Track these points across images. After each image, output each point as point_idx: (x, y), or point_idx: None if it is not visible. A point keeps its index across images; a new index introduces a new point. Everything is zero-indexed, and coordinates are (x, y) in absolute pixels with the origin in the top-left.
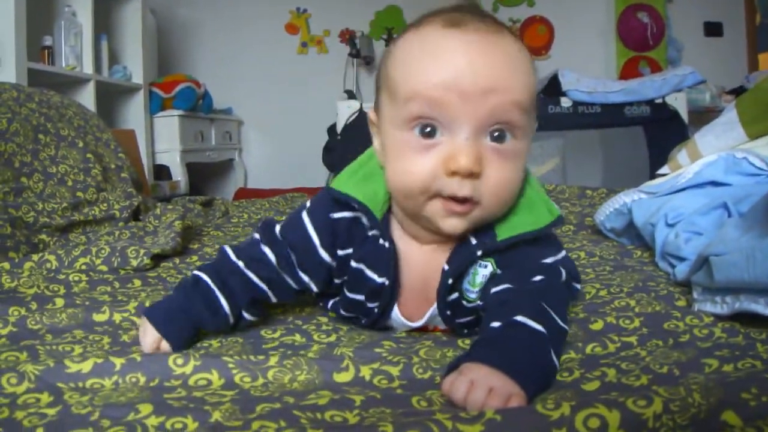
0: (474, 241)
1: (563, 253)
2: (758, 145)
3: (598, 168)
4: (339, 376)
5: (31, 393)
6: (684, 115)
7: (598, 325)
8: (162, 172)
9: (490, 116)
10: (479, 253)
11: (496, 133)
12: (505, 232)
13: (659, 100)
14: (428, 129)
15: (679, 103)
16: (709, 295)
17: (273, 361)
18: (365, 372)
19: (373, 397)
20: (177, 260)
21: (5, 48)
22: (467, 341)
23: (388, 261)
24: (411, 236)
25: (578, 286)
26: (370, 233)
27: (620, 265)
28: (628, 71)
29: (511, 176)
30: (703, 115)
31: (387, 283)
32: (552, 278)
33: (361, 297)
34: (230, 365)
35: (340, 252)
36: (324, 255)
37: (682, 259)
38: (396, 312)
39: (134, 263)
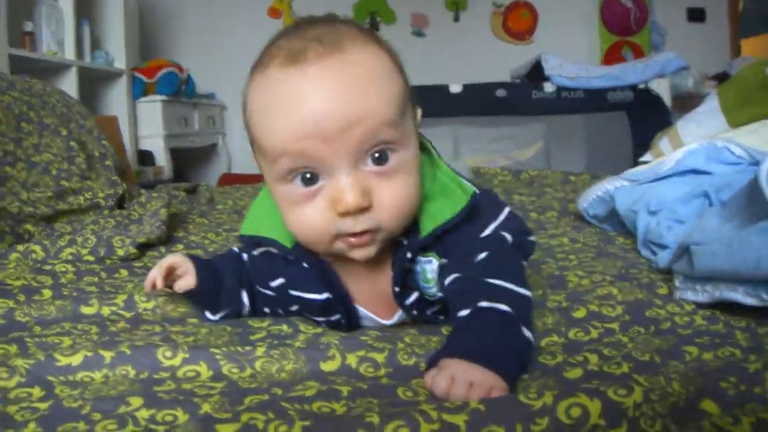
0: (405, 242)
1: (504, 212)
2: (739, 134)
3: (582, 152)
4: (325, 365)
5: (22, 387)
6: (667, 100)
7: (580, 313)
8: (146, 157)
9: (361, 146)
10: (408, 255)
11: (377, 154)
12: (427, 225)
13: (642, 86)
14: (308, 176)
15: (661, 88)
16: (690, 284)
17: (260, 351)
18: (351, 360)
19: (359, 388)
20: (162, 249)
21: None
22: (445, 330)
23: (318, 279)
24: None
25: (532, 238)
26: (290, 258)
27: (603, 251)
28: (611, 56)
29: (405, 191)
30: (686, 101)
31: (330, 296)
32: (497, 248)
33: (322, 318)
34: (218, 356)
35: (273, 283)
36: (260, 289)
37: (663, 247)
38: (365, 312)
39: (120, 253)
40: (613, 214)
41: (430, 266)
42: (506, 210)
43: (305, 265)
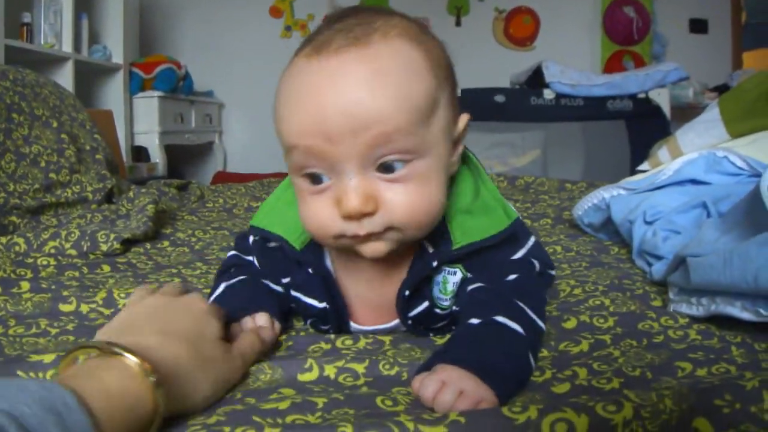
0: (430, 250)
1: (531, 240)
2: (739, 145)
3: (579, 160)
4: (303, 376)
5: None
6: (666, 110)
7: (571, 324)
8: (140, 153)
9: (369, 152)
10: (434, 264)
11: (384, 164)
12: (461, 239)
13: (642, 95)
14: (315, 174)
15: (661, 98)
16: (685, 296)
17: None
18: (330, 371)
19: (336, 399)
20: (148, 245)
21: None
22: (438, 340)
23: (321, 287)
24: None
25: (552, 272)
26: (299, 260)
27: (597, 261)
28: (612, 64)
29: (419, 199)
30: (686, 111)
31: (328, 307)
32: (526, 274)
33: (313, 320)
34: None
35: (284, 280)
36: (270, 284)
37: (659, 258)
38: (357, 327)
39: (104, 248)
40: (608, 223)
41: (453, 278)
42: (532, 238)
43: (310, 270)
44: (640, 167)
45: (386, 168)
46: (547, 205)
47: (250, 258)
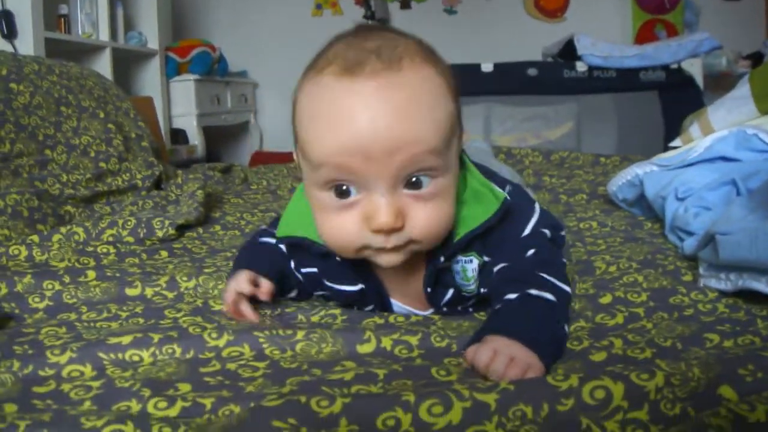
0: (438, 246)
1: (536, 210)
2: None
3: (613, 132)
4: (362, 347)
5: (74, 364)
6: (699, 80)
7: (606, 299)
8: (179, 136)
9: (402, 171)
10: (442, 259)
11: (413, 179)
12: (460, 230)
13: (675, 66)
14: (343, 188)
15: (694, 68)
16: (714, 272)
17: (300, 335)
18: (386, 343)
19: (395, 370)
20: (200, 230)
21: (22, 18)
22: (482, 313)
23: (353, 271)
24: None
25: (563, 232)
26: (324, 251)
27: (631, 236)
28: (644, 34)
29: (438, 215)
30: (719, 80)
31: (363, 287)
32: (541, 245)
33: (354, 305)
34: (261, 339)
35: (303, 270)
36: (294, 271)
37: (690, 233)
38: (399, 305)
39: (160, 234)
40: (642, 199)
41: (470, 265)
42: (537, 206)
43: (338, 258)
44: (672, 143)
45: (414, 184)
46: (582, 180)
47: (267, 239)
